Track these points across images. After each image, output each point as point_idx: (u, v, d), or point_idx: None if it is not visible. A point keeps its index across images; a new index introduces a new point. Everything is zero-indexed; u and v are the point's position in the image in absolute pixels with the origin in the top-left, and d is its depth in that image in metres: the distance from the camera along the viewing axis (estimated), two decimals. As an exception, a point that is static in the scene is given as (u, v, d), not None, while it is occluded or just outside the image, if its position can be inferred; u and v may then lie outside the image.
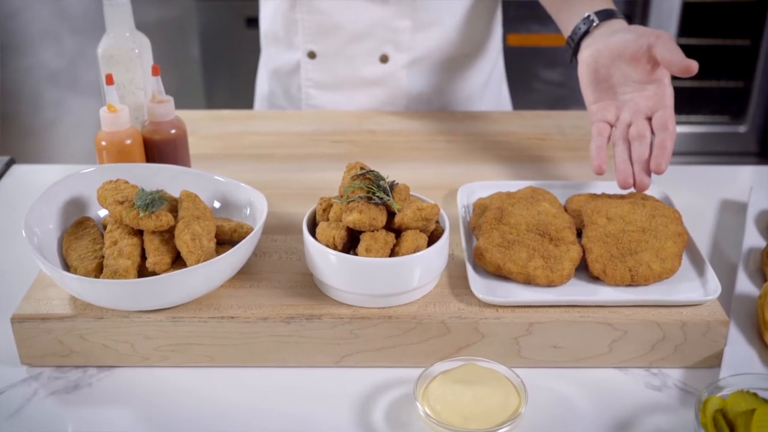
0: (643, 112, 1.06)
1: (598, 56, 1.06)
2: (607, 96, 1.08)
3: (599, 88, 1.08)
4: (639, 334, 0.90)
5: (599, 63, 1.06)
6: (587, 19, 1.10)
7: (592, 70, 1.07)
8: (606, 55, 1.05)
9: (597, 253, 0.94)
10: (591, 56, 1.07)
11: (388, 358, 0.91)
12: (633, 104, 1.07)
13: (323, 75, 1.45)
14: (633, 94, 1.07)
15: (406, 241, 0.89)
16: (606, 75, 1.07)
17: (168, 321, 0.89)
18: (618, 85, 1.07)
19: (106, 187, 0.95)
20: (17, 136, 2.70)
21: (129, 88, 1.09)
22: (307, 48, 1.43)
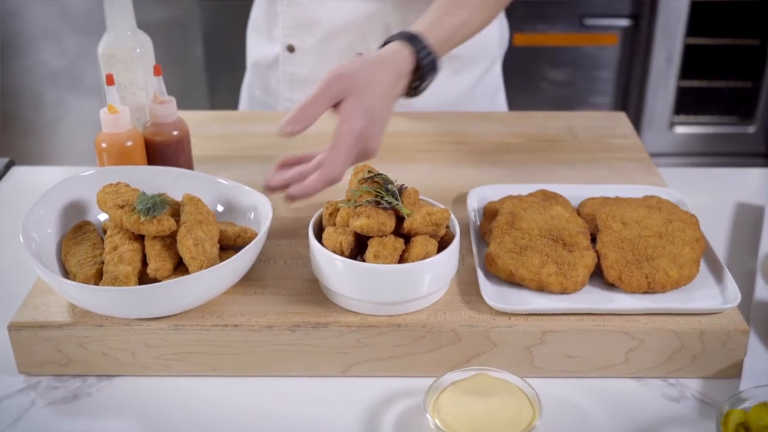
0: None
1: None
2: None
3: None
4: (656, 344, 0.87)
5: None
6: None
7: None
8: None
9: (612, 259, 0.91)
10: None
11: (396, 368, 0.89)
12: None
13: (301, 70, 1.44)
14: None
15: (416, 247, 0.86)
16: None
17: (170, 329, 0.87)
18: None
19: (106, 191, 0.92)
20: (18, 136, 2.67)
21: (130, 88, 1.06)
22: (286, 42, 1.42)
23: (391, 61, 1.03)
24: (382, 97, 1.02)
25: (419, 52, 1.05)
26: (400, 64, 1.04)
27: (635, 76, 2.61)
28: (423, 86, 1.08)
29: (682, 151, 2.72)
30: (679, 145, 2.70)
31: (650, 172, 1.19)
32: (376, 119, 1.01)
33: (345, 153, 0.98)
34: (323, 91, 0.99)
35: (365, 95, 1.00)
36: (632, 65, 2.60)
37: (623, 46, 2.58)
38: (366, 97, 1.00)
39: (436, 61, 1.07)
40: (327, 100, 0.99)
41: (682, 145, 2.71)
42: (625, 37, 2.57)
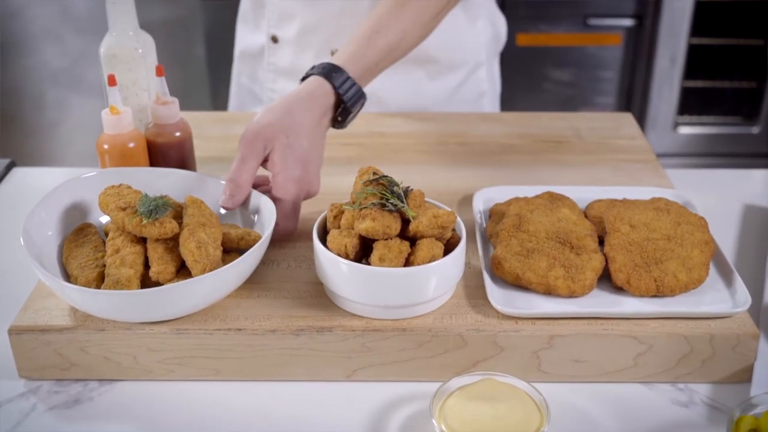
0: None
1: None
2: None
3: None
4: (665, 348, 0.86)
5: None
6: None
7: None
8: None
9: (620, 262, 0.90)
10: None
11: (402, 372, 0.87)
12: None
13: (283, 61, 1.43)
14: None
15: (422, 250, 0.85)
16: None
17: (172, 333, 0.86)
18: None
19: (108, 193, 0.91)
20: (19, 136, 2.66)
21: (132, 89, 1.05)
22: (271, 32, 1.42)
23: (311, 100, 1.00)
24: (310, 138, 0.99)
25: (340, 86, 1.01)
26: (320, 101, 1.00)
27: (639, 76, 2.59)
28: (350, 118, 1.05)
29: (686, 151, 2.70)
30: (682, 146, 2.69)
31: (657, 173, 1.18)
32: (310, 163, 0.99)
33: (291, 205, 0.97)
34: (247, 152, 0.96)
35: (293, 143, 0.97)
36: (636, 65, 2.59)
37: (627, 46, 2.57)
38: (294, 145, 0.97)
39: (361, 90, 1.04)
40: (254, 161, 0.96)
41: (686, 146, 2.69)
42: (628, 37, 2.55)
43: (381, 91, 1.40)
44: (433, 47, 1.32)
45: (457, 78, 1.43)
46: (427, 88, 1.41)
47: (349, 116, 1.04)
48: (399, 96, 1.42)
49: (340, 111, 1.03)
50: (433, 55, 1.38)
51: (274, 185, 0.97)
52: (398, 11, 1.07)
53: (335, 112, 1.03)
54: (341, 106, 1.03)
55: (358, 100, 1.04)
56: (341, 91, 1.01)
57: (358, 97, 1.03)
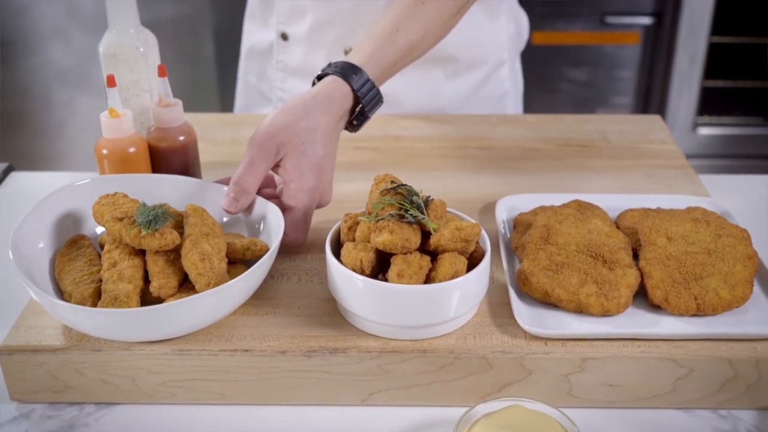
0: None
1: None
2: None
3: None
4: (707, 372, 0.79)
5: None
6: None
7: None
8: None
9: (657, 278, 0.83)
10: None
11: (421, 397, 0.81)
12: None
13: (294, 60, 1.37)
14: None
15: (444, 266, 0.78)
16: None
17: (174, 354, 0.79)
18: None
19: (103, 202, 0.85)
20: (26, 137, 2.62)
21: (133, 90, 0.99)
22: (280, 29, 1.36)
23: (329, 102, 0.93)
24: (325, 144, 0.92)
25: (359, 88, 0.94)
26: (339, 103, 0.94)
27: (657, 75, 2.54)
28: (365, 122, 0.99)
29: (706, 153, 2.65)
30: (702, 147, 2.63)
31: (691, 180, 1.11)
32: (324, 171, 0.93)
33: (302, 216, 0.91)
34: (257, 155, 0.89)
35: (307, 149, 0.91)
36: (655, 65, 2.53)
37: (645, 45, 2.52)
38: (309, 151, 0.91)
39: (379, 93, 0.97)
40: (263, 165, 0.90)
41: (706, 147, 2.64)
42: (647, 35, 2.50)
43: (397, 91, 1.34)
44: (452, 45, 1.25)
45: (477, 77, 1.37)
46: (445, 88, 1.35)
47: (365, 120, 0.98)
48: (416, 96, 1.36)
49: (357, 114, 0.97)
50: (452, 53, 1.31)
51: (285, 193, 0.91)
52: (418, 8, 1.01)
53: (351, 115, 0.97)
54: (358, 109, 0.96)
55: (376, 104, 0.97)
56: (360, 94, 0.95)
57: (377, 100, 0.97)
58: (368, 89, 0.95)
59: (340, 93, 0.94)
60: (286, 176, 0.91)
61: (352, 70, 0.95)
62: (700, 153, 2.62)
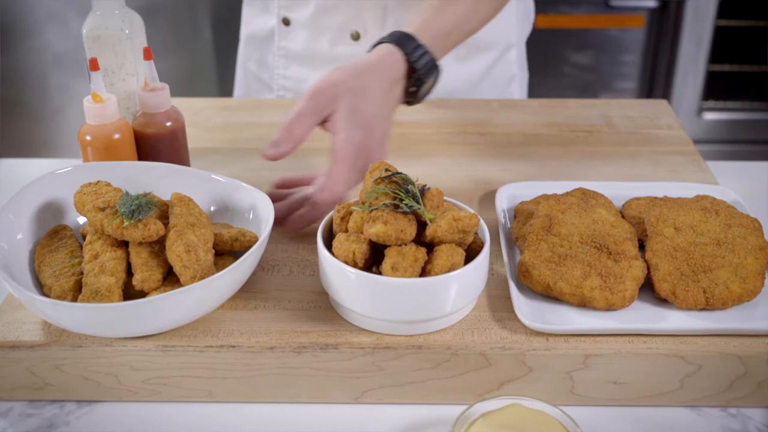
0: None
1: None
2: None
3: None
4: (716, 369, 0.75)
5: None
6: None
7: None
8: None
9: (664, 270, 0.79)
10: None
11: (417, 395, 0.77)
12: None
13: (296, 45, 1.34)
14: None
15: (440, 258, 0.74)
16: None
17: (158, 350, 0.76)
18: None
19: (84, 191, 0.81)
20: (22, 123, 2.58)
21: (118, 74, 0.95)
22: (282, 14, 1.32)
23: (380, 66, 0.92)
24: (377, 104, 0.91)
25: (411, 53, 0.93)
26: (391, 68, 0.93)
27: (662, 60, 2.51)
28: (423, 91, 0.97)
29: (711, 138, 2.63)
30: (707, 132, 2.60)
31: (699, 167, 1.07)
32: (374, 129, 0.90)
33: (346, 168, 0.88)
34: (308, 106, 0.88)
35: (358, 105, 0.89)
36: (659, 49, 2.50)
37: (650, 29, 2.48)
38: (359, 107, 0.89)
39: (435, 61, 0.95)
40: (313, 116, 0.88)
41: (711, 132, 2.61)
42: (652, 19, 2.47)
43: None
44: None
45: (487, 60, 1.33)
46: (454, 71, 1.30)
47: (423, 87, 0.96)
48: None
49: (414, 81, 0.95)
50: None
51: (333, 144, 0.89)
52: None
53: (408, 82, 0.95)
54: (414, 76, 0.94)
55: (431, 70, 0.95)
56: (413, 58, 0.93)
57: (432, 66, 0.95)
58: (420, 54, 0.94)
59: (392, 58, 0.93)
60: (334, 129, 0.89)
61: (404, 36, 0.94)
62: (705, 138, 2.60)
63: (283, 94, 1.37)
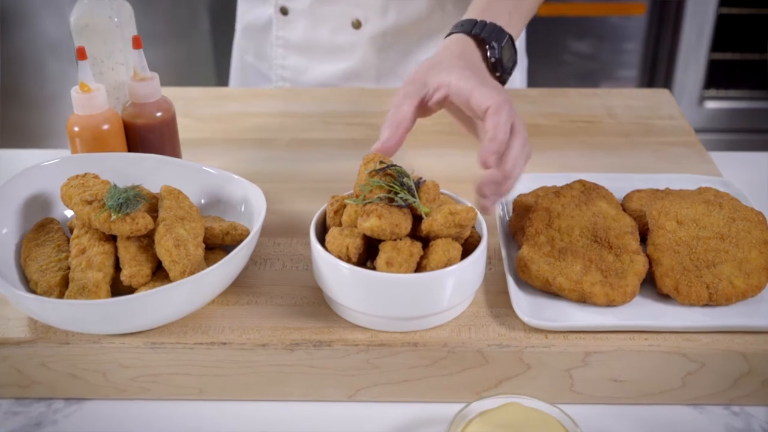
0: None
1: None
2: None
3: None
4: (719, 367, 0.73)
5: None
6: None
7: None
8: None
9: (667, 265, 0.77)
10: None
11: (412, 393, 0.76)
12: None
13: (295, 35, 1.31)
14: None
15: (436, 253, 0.72)
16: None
17: (146, 347, 0.74)
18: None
19: (72, 184, 0.79)
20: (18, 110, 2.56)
21: (108, 63, 0.93)
22: (279, 3, 1.29)
23: (456, 47, 0.89)
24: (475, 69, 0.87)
25: (480, 32, 0.90)
26: (464, 47, 0.90)
27: (664, 48, 2.48)
28: (503, 58, 0.92)
29: (713, 127, 2.60)
30: (709, 121, 2.58)
31: (702, 158, 1.05)
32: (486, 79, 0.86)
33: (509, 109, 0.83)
34: (405, 90, 0.86)
35: (456, 64, 0.86)
36: (661, 36, 2.48)
37: (652, 17, 2.46)
38: (459, 65, 0.85)
39: (503, 30, 0.91)
40: (414, 96, 0.85)
41: (713, 121, 2.59)
42: (653, 6, 2.45)
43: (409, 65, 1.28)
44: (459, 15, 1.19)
45: None
46: None
47: (502, 55, 0.91)
48: None
49: (490, 52, 0.91)
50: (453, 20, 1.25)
51: (472, 101, 0.83)
52: None
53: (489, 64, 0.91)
54: (488, 48, 0.91)
55: (500, 36, 0.91)
56: (484, 34, 0.90)
57: (501, 35, 0.91)
58: (489, 29, 0.91)
59: (464, 42, 0.90)
60: (459, 96, 0.84)
61: (470, 23, 0.92)
62: (706, 127, 2.58)
63: (281, 84, 1.35)
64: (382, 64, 1.30)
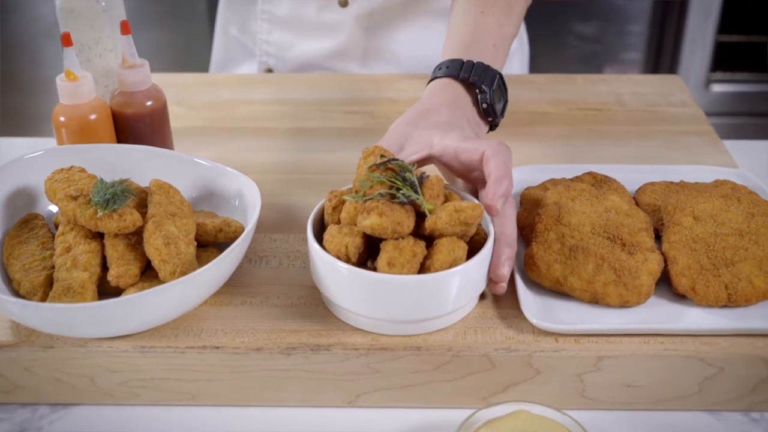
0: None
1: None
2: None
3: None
4: (738, 371, 0.70)
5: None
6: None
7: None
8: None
9: (683, 264, 0.74)
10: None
11: (415, 398, 0.72)
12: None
13: (281, 9, 1.26)
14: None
15: (441, 253, 0.68)
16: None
17: (135, 351, 0.70)
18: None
19: (56, 178, 0.75)
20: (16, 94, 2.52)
21: (95, 49, 0.88)
22: None
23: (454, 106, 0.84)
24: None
25: (467, 76, 0.85)
26: (460, 102, 0.85)
27: (670, 30, 2.44)
28: (493, 99, 0.87)
29: (719, 110, 2.57)
30: (715, 105, 2.54)
31: (717, 148, 1.01)
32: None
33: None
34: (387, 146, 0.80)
35: (435, 131, 0.80)
36: (667, 18, 2.43)
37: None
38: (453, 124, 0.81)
39: (489, 68, 0.86)
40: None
41: (719, 105, 2.56)
42: (659, -13, 2.39)
43: (397, 47, 1.23)
44: None
45: None
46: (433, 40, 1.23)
47: (491, 96, 0.86)
48: (417, 53, 1.25)
49: (480, 95, 0.86)
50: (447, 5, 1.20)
51: (467, 150, 0.77)
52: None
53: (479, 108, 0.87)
54: (478, 92, 0.86)
55: (486, 75, 0.86)
56: (471, 79, 0.85)
57: (488, 74, 0.86)
58: (478, 72, 0.85)
59: (452, 88, 0.85)
60: (444, 154, 0.78)
61: (456, 65, 0.86)
62: (713, 111, 2.54)
63: (265, 60, 1.30)
64: (368, 43, 1.26)
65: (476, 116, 0.86)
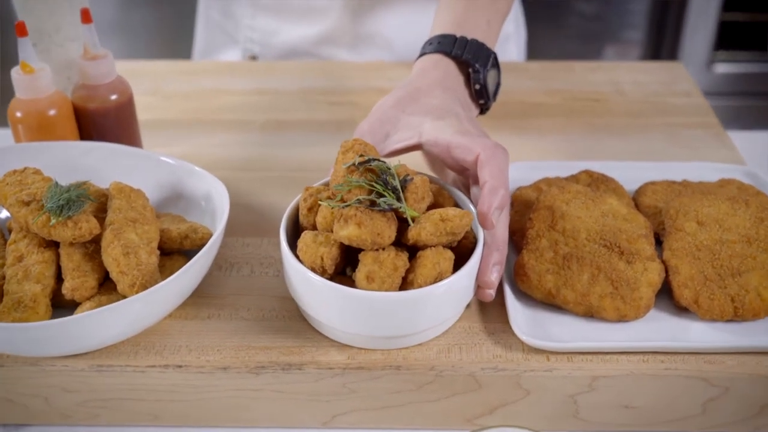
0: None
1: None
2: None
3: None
4: (744, 392, 0.65)
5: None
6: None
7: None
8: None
9: (686, 274, 0.68)
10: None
11: (395, 419, 0.67)
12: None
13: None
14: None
15: (425, 266, 0.62)
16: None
17: (92, 370, 0.65)
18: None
19: (8, 181, 0.69)
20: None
21: (56, 38, 0.82)
22: None
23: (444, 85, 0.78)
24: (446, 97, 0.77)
25: (462, 53, 0.79)
26: (444, 72, 0.79)
27: (672, 7, 2.37)
28: (487, 84, 0.80)
29: (722, 91, 2.52)
30: (718, 85, 2.48)
31: (722, 143, 0.95)
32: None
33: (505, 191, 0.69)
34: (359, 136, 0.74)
35: (426, 117, 0.75)
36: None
37: (659, -26, 2.34)
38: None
39: (484, 46, 0.80)
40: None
41: (722, 85, 2.50)
42: (661, -36, 2.33)
43: (389, 32, 1.17)
44: None
45: None
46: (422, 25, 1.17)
47: (485, 80, 0.80)
48: (409, 39, 1.19)
49: (473, 76, 0.80)
50: None
51: (461, 145, 0.71)
52: None
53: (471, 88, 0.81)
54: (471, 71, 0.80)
55: (480, 52, 0.80)
56: (465, 56, 0.79)
57: (483, 53, 0.79)
58: (472, 49, 0.79)
59: (444, 65, 0.79)
60: (436, 146, 0.72)
61: (448, 40, 0.80)
62: (715, 91, 2.48)
63: (249, 47, 1.23)
64: (358, 28, 1.19)
65: (467, 97, 0.79)
